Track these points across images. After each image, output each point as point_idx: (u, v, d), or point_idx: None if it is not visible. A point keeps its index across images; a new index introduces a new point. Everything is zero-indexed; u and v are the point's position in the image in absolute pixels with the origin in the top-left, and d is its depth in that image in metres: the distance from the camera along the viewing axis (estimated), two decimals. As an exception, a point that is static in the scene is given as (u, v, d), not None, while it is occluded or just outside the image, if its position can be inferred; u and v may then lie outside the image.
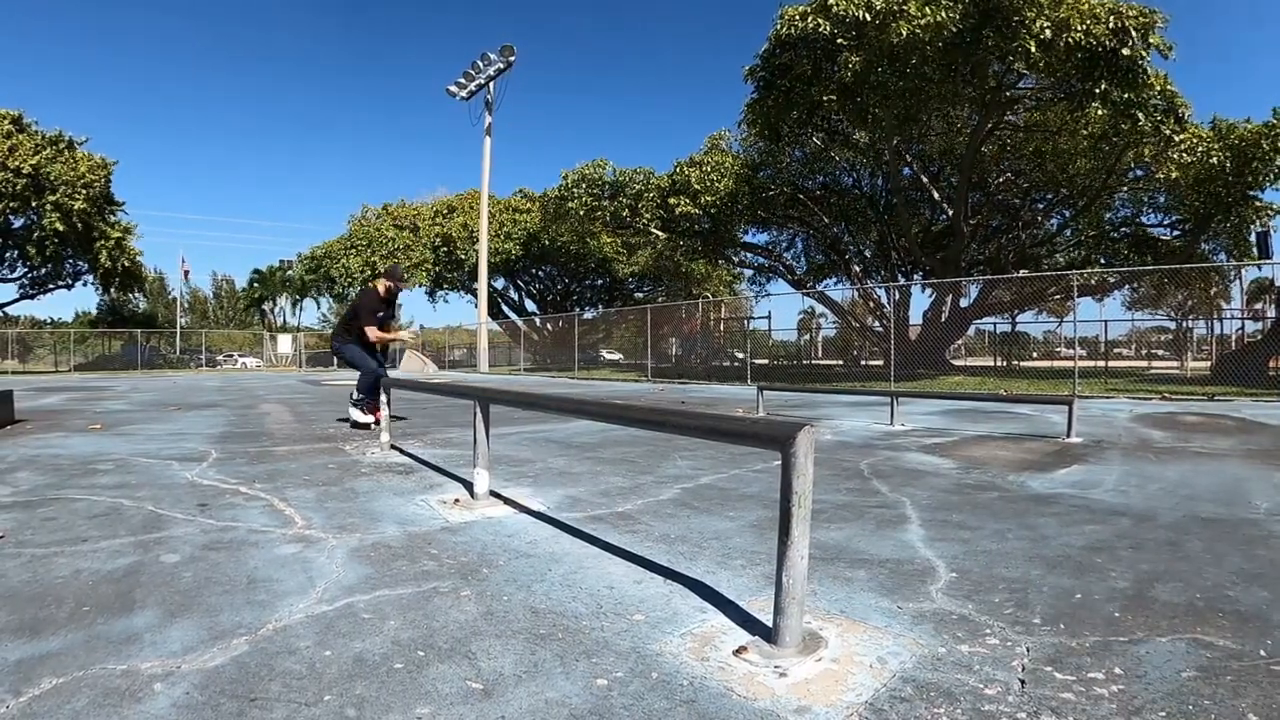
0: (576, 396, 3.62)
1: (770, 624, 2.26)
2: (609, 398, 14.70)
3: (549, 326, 47.17)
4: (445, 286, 47.30)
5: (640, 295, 50.70)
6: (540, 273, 50.99)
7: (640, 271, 45.50)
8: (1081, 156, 23.13)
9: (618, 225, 30.76)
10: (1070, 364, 17.53)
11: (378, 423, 7.51)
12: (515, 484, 4.87)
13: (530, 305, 53.26)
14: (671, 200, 27.24)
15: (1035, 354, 35.68)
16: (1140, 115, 16.72)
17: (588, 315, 46.52)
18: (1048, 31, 15.59)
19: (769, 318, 77.29)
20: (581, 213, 29.38)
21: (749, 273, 41.34)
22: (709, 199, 26.70)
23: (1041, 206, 29.02)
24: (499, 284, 51.23)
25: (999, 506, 4.24)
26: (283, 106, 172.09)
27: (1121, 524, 3.83)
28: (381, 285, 8.66)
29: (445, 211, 45.08)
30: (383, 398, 6.59)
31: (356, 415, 8.28)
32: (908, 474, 5.38)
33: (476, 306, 39.91)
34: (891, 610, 2.56)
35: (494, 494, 4.40)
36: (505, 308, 52.13)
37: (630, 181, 28.46)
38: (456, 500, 4.28)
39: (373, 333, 8.31)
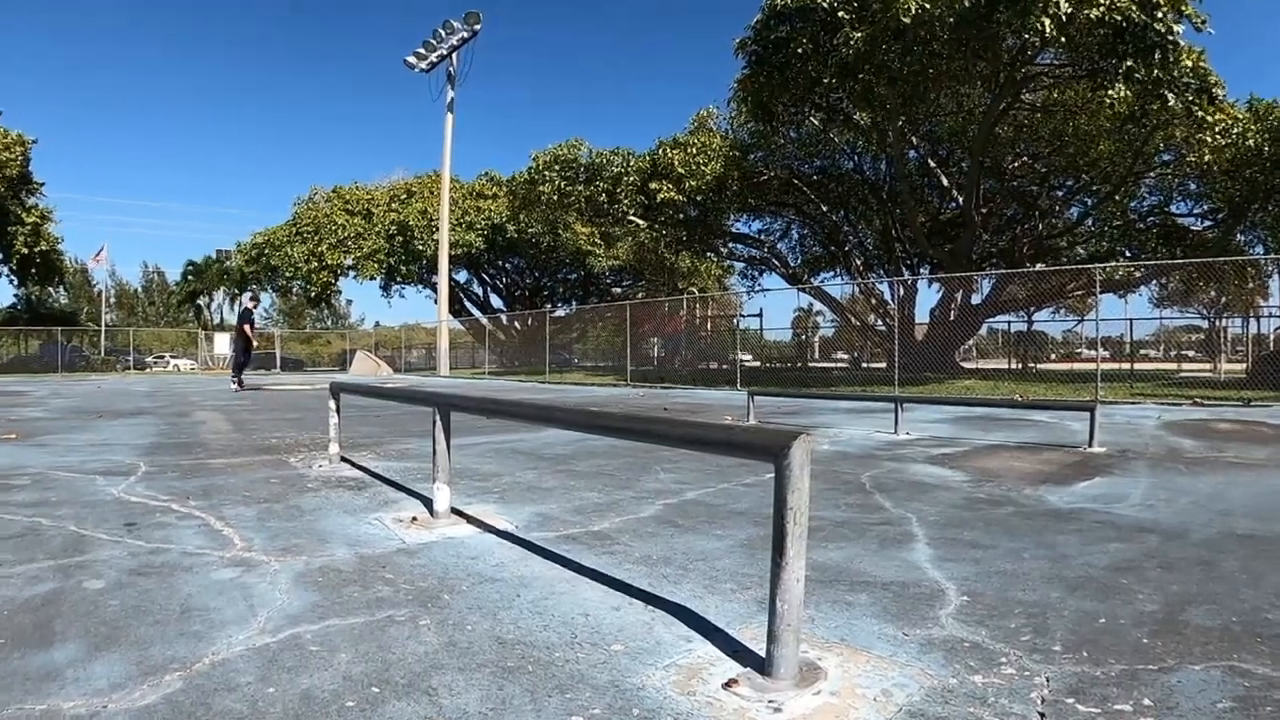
0: (547, 403, 3.62)
1: (763, 654, 2.26)
2: (583, 404, 14.66)
3: (517, 325, 47.10)
4: (401, 280, 47.08)
5: (619, 291, 50.75)
6: (508, 265, 50.94)
7: (619, 264, 45.59)
8: (1105, 139, 23.35)
9: (594, 213, 30.76)
10: (1092, 366, 17.64)
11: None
12: (480, 500, 4.85)
13: (496, 301, 53.34)
14: (653, 185, 27.28)
15: (1053, 355, 35.94)
16: (1169, 94, 16.83)
17: (560, 313, 46.51)
18: (1065, 5, 15.63)
19: (760, 316, 76.95)
20: (554, 198, 29.34)
21: (739, 266, 41.51)
22: (694, 184, 26.77)
23: (1061, 194, 29.27)
24: (461, 277, 51.13)
25: (1014, 523, 4.27)
26: (223, 78, 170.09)
27: (1149, 541, 3.87)
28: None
29: (402, 196, 44.89)
30: (331, 404, 6.55)
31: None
32: (914, 487, 5.40)
33: (436, 302, 39.88)
34: (897, 638, 2.57)
35: (456, 511, 4.37)
36: (468, 304, 52.02)
37: (608, 164, 28.46)
38: (414, 518, 4.26)
39: None
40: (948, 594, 3.01)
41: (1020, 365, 31.58)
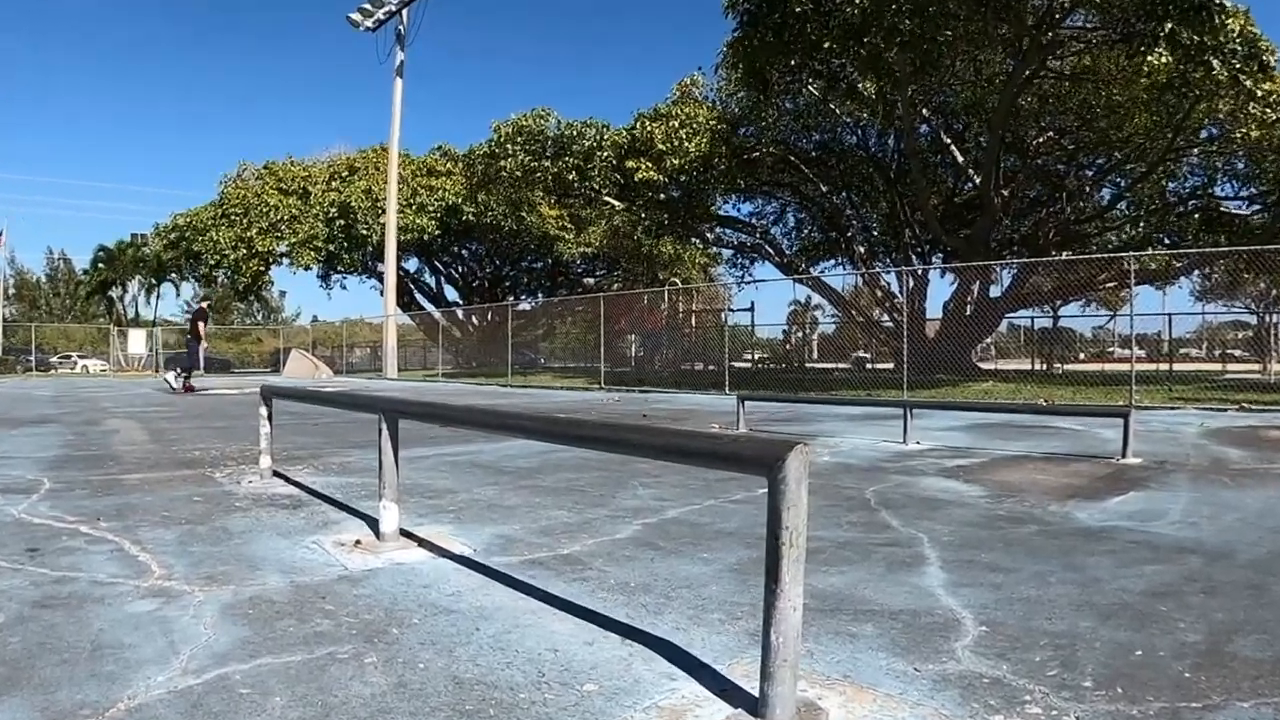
0: (509, 409, 3.61)
1: (756, 693, 2.27)
2: (551, 410, 14.64)
3: (475, 320, 47.05)
4: (342, 269, 46.90)
5: (591, 281, 50.72)
6: (464, 252, 50.83)
7: (591, 251, 45.54)
8: (1141, 112, 23.42)
9: (563, 192, 30.71)
10: (1126, 367, 17.76)
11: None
12: (433, 520, 4.85)
13: (451, 293, 53.21)
14: (630, 163, 27.25)
15: (1082, 355, 36.21)
16: (1214, 61, 16.85)
17: (524, 306, 46.44)
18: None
19: (752, 310, 76.97)
20: (517, 175, 29.26)
21: (727, 254, 41.63)
22: (677, 161, 26.76)
23: (1091, 173, 29.38)
24: (411, 266, 50.98)
25: (1039, 543, 4.30)
26: (138, 34, 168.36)
27: (1191, 563, 3.91)
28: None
29: (344, 173, 44.64)
30: (262, 411, 6.52)
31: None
32: (925, 504, 5.43)
33: (382, 294, 39.60)
34: (907, 673, 2.58)
35: (405, 533, 4.36)
36: (420, 296, 51.86)
37: (579, 137, 28.40)
38: (358, 542, 4.24)
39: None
40: (964, 623, 3.03)
41: (1045, 366, 31.77)
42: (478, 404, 4.11)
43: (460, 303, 51.39)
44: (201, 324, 21.63)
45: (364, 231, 42.49)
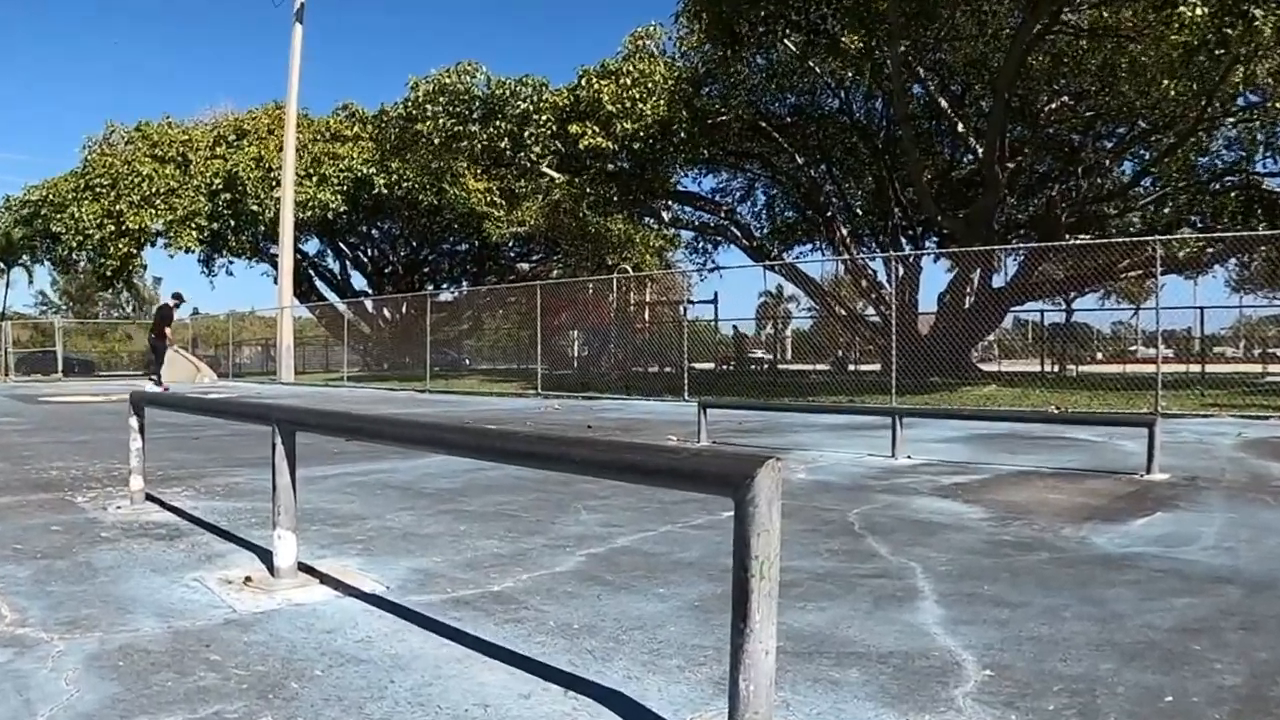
0: (429, 419, 3.59)
1: (724, 753, 2.27)
2: (479, 420, 14.60)
3: (387, 313, 46.77)
4: (229, 252, 46.32)
5: (526, 268, 50.61)
6: (375, 232, 50.50)
7: (526, 232, 45.39)
8: (1169, 74, 23.60)
9: (493, 162, 30.57)
10: (1151, 369, 17.99)
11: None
12: (338, 553, 4.82)
13: (359, 281, 52.87)
14: (574, 127, 27.18)
15: (1100, 354, 36.58)
16: (1256, 11, 16.96)
17: (446, 296, 46.29)
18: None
19: (715, 302, 77.83)
20: (438, 141, 29.06)
21: (687, 236, 41.67)
22: (629, 126, 26.74)
23: (1111, 145, 29.65)
24: (312, 248, 50.60)
25: (1050, 573, 4.35)
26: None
27: (1228, 594, 3.97)
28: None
29: (230, 137, 44.04)
30: (133, 422, 6.43)
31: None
32: (918, 528, 5.48)
33: (277, 282, 39.19)
34: (900, 729, 2.59)
35: (305, 568, 4.33)
36: (321, 284, 51.50)
37: (513, 97, 28.26)
38: (248, 579, 4.20)
39: None
40: (965, 667, 3.05)
41: (1056, 367, 32.10)
42: (391, 413, 4.08)
43: (369, 292, 51.08)
44: (167, 327, 23.91)
45: (255, 207, 41.93)
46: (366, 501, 6.46)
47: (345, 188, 42.38)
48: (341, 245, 51.06)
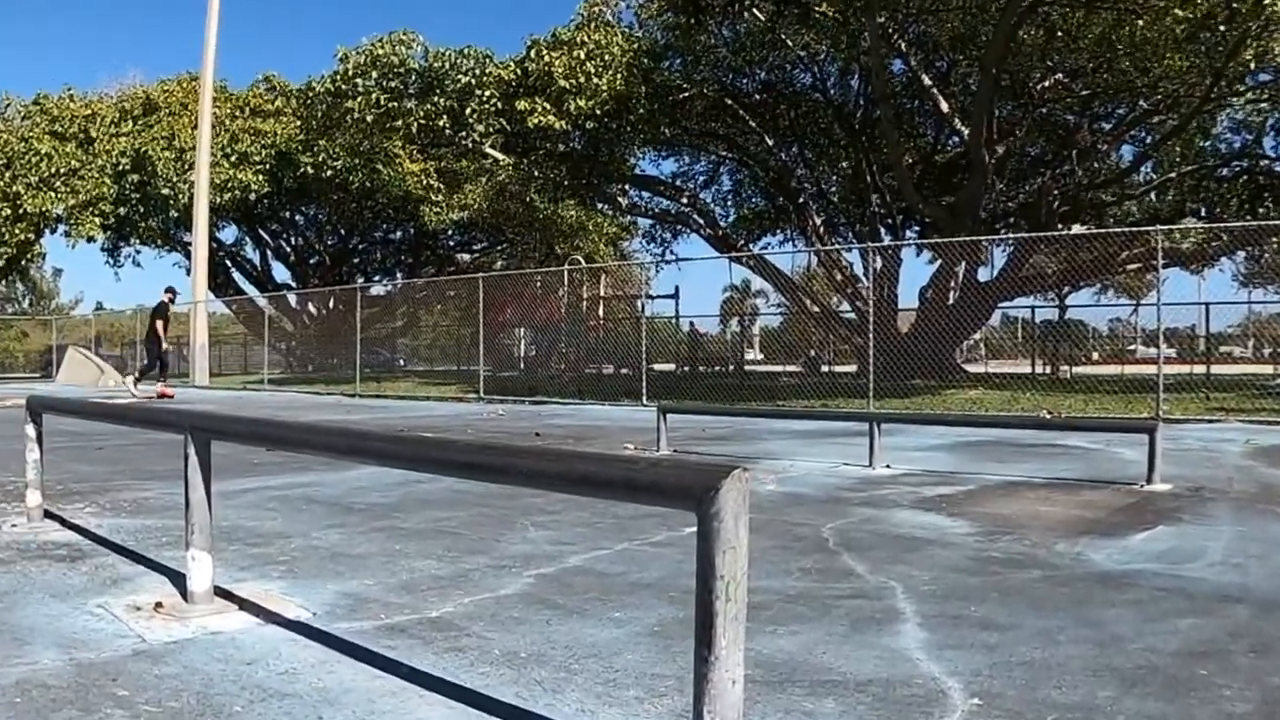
0: (360, 427, 3.57)
1: (687, 793, 2.26)
2: (415, 428, 14.56)
3: (313, 308, 46.51)
4: (137, 239, 45.82)
5: (467, 258, 50.48)
6: (299, 218, 50.20)
7: (468, 218, 45.29)
8: (1173, 51, 23.80)
9: (431, 141, 30.46)
10: (1152, 370, 18.15)
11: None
12: (259, 575, 4.78)
13: (282, 273, 52.53)
14: (522, 104, 27.09)
15: (1096, 354, 36.89)
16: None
17: (378, 290, 46.07)
18: None
19: (676, 296, 77.55)
20: (370, 119, 28.89)
21: (645, 224, 41.76)
22: (583, 103, 26.68)
23: (1109, 127, 29.90)
24: (229, 236, 50.24)
25: (1043, 592, 4.38)
26: None
27: (1237, 615, 4.01)
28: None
29: (138, 112, 43.56)
30: (29, 430, 6.36)
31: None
32: (898, 544, 5.50)
33: (190, 274, 38.94)
34: (879, 765, 2.60)
35: (223, 593, 4.29)
36: (240, 276, 51.15)
37: (453, 70, 28.10)
38: (159, 604, 4.15)
39: None
40: (951, 695, 3.06)
41: (1049, 368, 32.34)
42: (317, 420, 4.05)
43: (293, 285, 50.77)
44: (160, 322, 23.58)
45: (166, 190, 41.36)
46: (290, 518, 6.42)
47: (268, 167, 41.90)
48: (262, 233, 50.67)
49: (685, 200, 36.26)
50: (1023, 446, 11.21)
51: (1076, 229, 27.57)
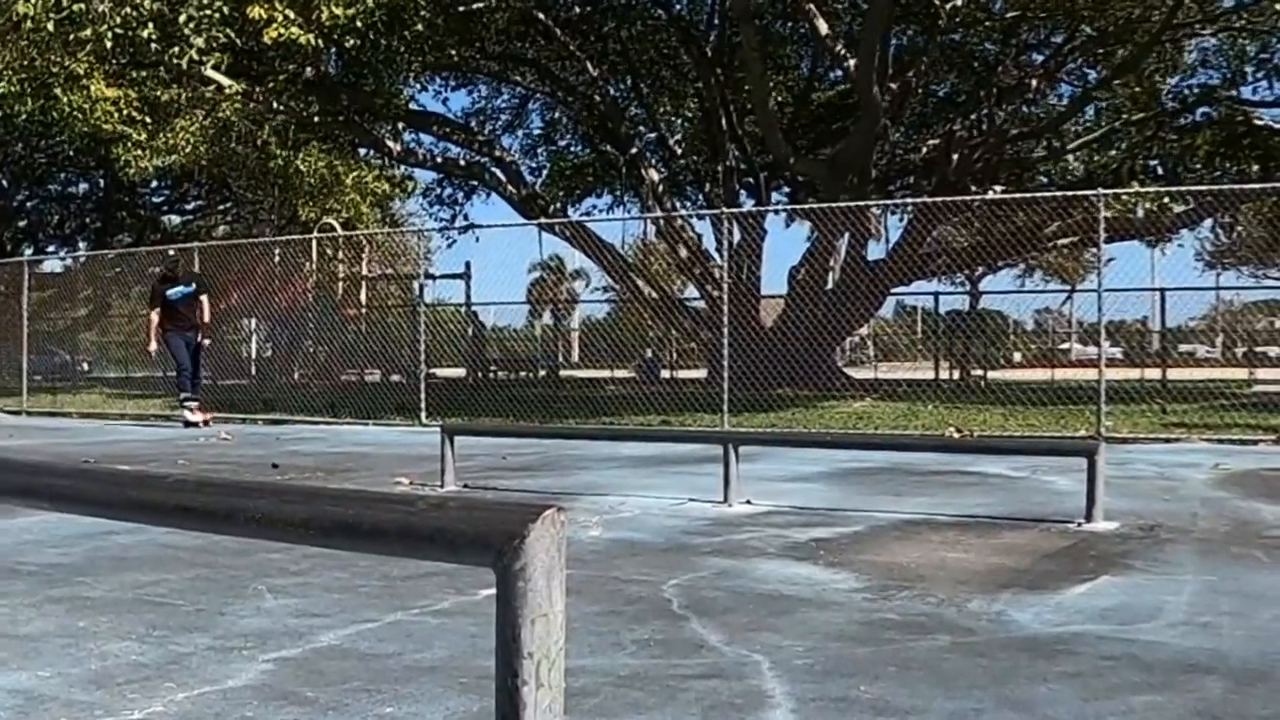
0: (26, 458, 3.50)
1: None
2: (106, 458, 14.32)
3: (-36, 288, 45.45)
4: None
5: (177, 221, 49.74)
6: (-51, 166, 49.11)
7: (179, 166, 44.50)
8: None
9: (132, 60, 29.96)
10: (1091, 374, 18.63)
11: (208, 423, 13.06)
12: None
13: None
14: (257, 11, 26.63)
15: (1019, 355, 37.74)
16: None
17: (55, 265, 45.14)
18: None
19: (468, 276, 77.42)
20: (47, 29, 28.24)
21: (427, 178, 41.53)
22: (340, 11, 26.38)
23: (1041, 59, 30.50)
24: None
25: (954, 665, 4.44)
26: None
27: (1208, 689, 4.10)
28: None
29: None
30: None
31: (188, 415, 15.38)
32: (763, 605, 5.56)
33: None
34: None
35: None
36: None
37: (163, -40, 27.68)
38: None
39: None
40: (835, 808, 3.10)
41: (958, 373, 32.98)
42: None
43: (-67, 259, 49.60)
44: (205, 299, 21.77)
45: None
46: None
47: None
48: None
49: (481, 147, 36.07)
50: (924, 475, 11.41)
51: (995, 191, 28.02)
